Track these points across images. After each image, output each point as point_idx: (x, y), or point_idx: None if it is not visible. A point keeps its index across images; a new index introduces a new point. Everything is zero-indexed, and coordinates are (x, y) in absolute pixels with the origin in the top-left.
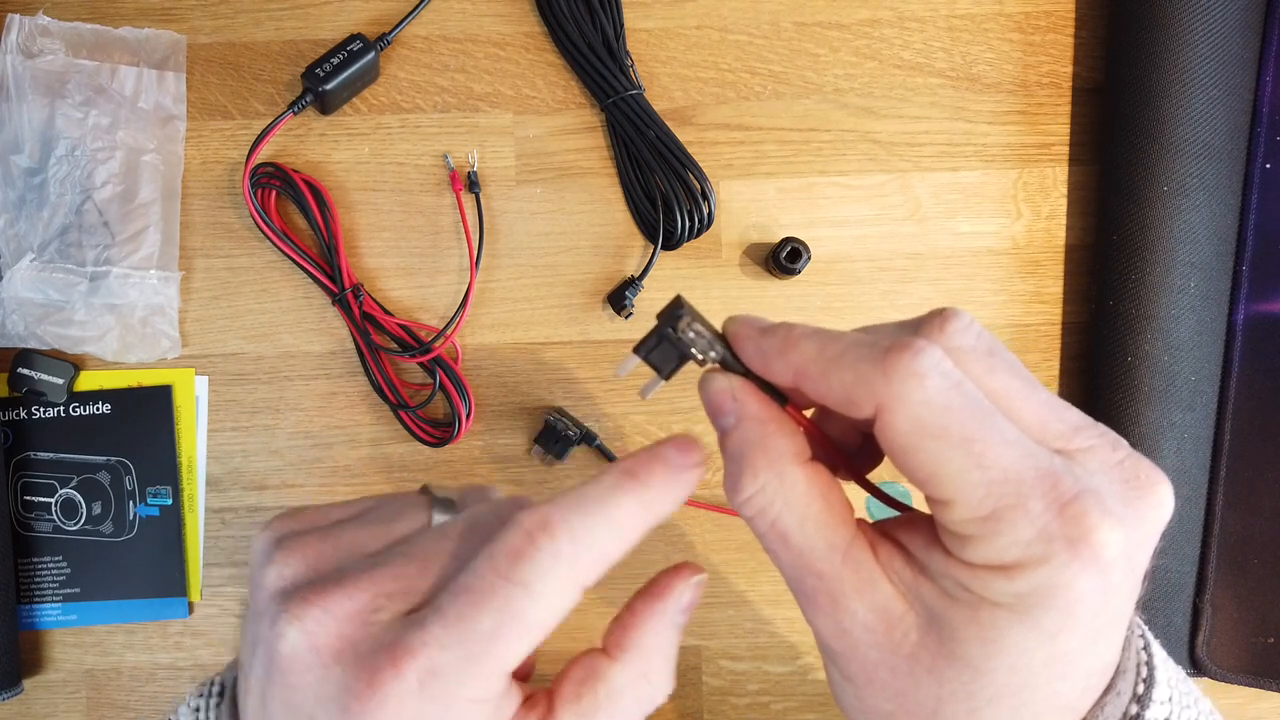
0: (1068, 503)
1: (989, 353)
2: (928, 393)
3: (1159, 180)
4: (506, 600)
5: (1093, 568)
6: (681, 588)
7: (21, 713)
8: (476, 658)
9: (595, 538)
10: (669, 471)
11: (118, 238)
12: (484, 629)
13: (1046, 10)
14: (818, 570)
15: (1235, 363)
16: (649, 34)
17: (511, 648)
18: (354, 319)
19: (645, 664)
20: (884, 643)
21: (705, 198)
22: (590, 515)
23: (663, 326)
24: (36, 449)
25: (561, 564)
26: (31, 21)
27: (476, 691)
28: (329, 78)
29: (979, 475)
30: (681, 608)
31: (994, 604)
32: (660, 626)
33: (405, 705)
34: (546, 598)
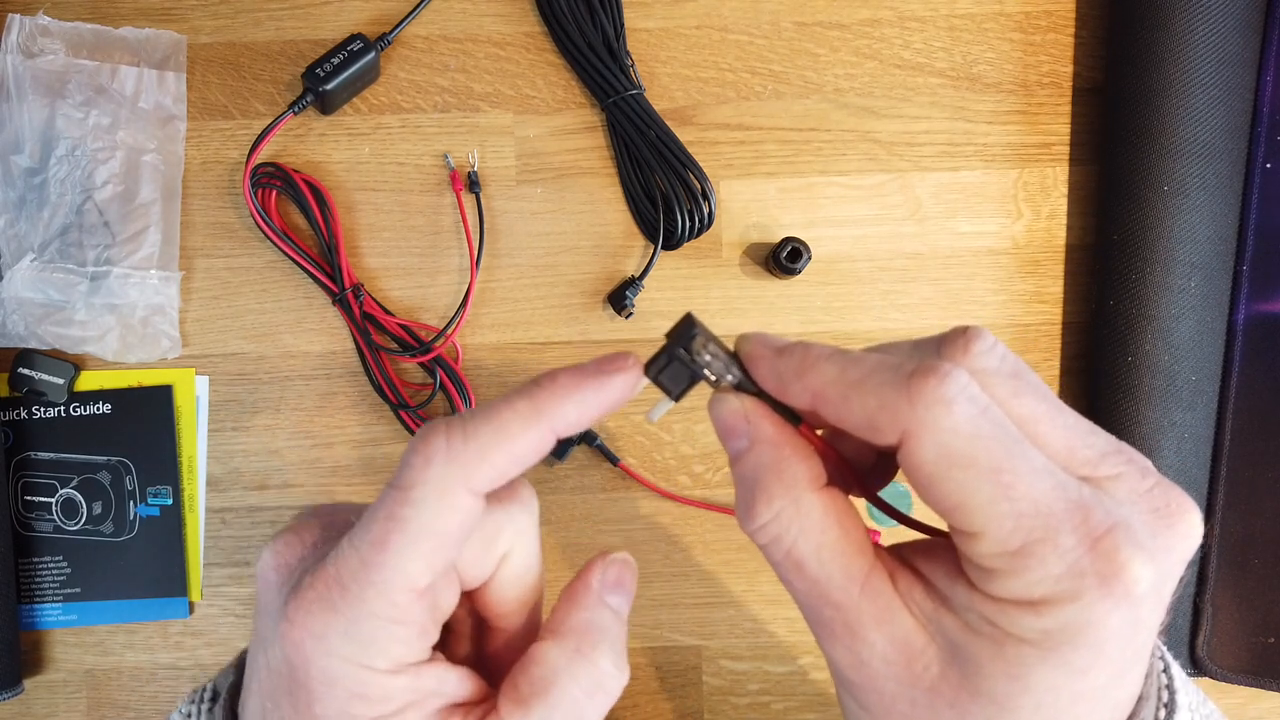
0: (1100, 537)
1: (1014, 375)
2: (955, 420)
3: (1159, 180)
4: (390, 506)
5: (1125, 604)
6: (602, 565)
7: (22, 713)
8: (372, 566)
9: (478, 440)
10: (572, 378)
11: (118, 238)
12: (372, 536)
13: (1047, 10)
14: (835, 600)
15: (1236, 363)
16: (649, 34)
17: (403, 555)
18: (354, 319)
19: (578, 640)
20: (904, 675)
21: (705, 197)
22: (476, 420)
23: (674, 347)
24: (37, 449)
25: (433, 467)
26: (32, 21)
27: (379, 606)
28: (329, 78)
29: (1008, 507)
30: (608, 584)
31: (1020, 639)
32: (588, 602)
33: (315, 618)
34: (426, 502)
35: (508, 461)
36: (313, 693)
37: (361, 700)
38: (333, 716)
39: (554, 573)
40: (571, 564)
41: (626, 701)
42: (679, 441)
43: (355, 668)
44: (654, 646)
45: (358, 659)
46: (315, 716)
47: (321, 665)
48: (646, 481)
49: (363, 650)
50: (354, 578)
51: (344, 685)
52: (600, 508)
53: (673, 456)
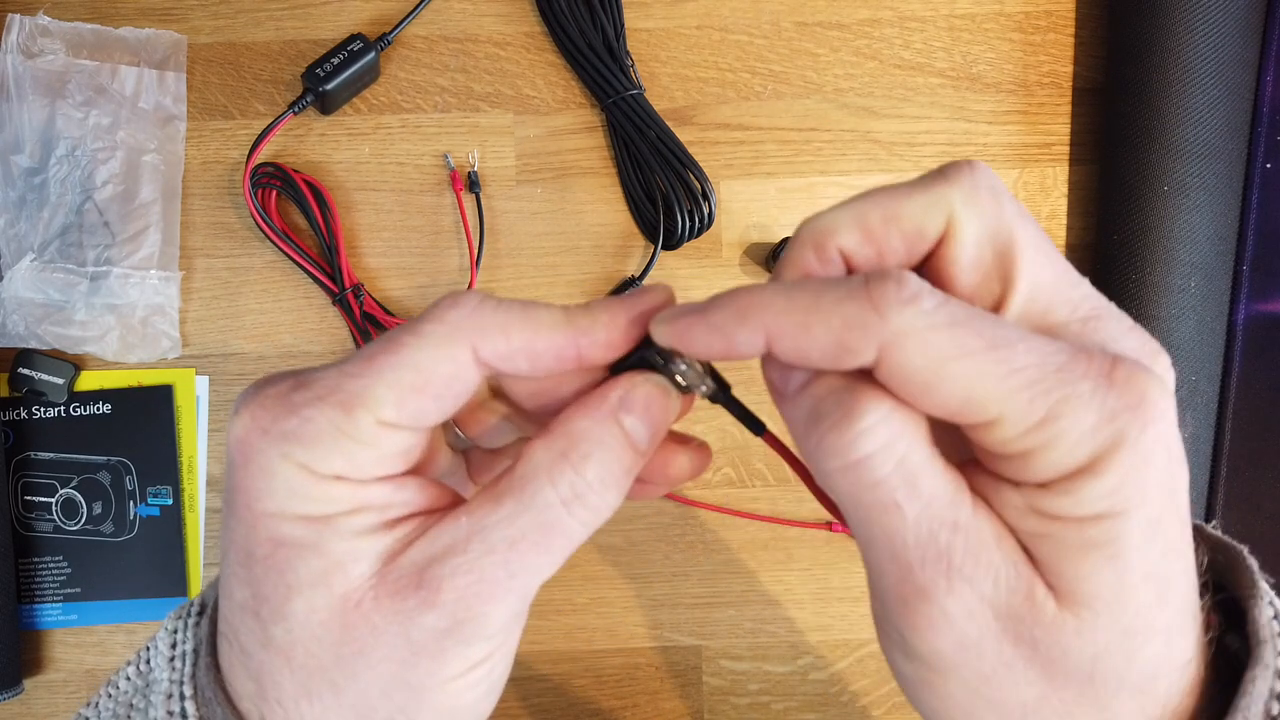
0: (1111, 371)
1: None
2: (932, 315)
3: (1159, 180)
4: (397, 332)
5: (1162, 427)
6: (629, 383)
7: (22, 713)
8: (347, 376)
9: (508, 313)
10: (601, 301)
11: (118, 238)
12: (365, 353)
13: (1047, 10)
14: (954, 521)
15: (1236, 362)
16: (649, 34)
17: (381, 378)
18: (354, 319)
19: (568, 444)
20: (1025, 607)
21: (705, 198)
22: (512, 302)
23: (646, 350)
24: (37, 449)
25: (453, 313)
26: (32, 21)
27: (335, 415)
28: (329, 78)
29: (1017, 379)
30: (629, 404)
31: (1096, 518)
32: (596, 412)
33: (267, 410)
34: (430, 339)
35: (524, 346)
36: (253, 489)
37: (300, 498)
38: (274, 512)
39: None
40: (570, 564)
41: (626, 701)
42: None
43: (295, 466)
44: (654, 646)
45: (298, 457)
46: (256, 515)
47: (262, 460)
48: None
49: (304, 450)
50: (323, 384)
51: (282, 480)
52: None
53: None
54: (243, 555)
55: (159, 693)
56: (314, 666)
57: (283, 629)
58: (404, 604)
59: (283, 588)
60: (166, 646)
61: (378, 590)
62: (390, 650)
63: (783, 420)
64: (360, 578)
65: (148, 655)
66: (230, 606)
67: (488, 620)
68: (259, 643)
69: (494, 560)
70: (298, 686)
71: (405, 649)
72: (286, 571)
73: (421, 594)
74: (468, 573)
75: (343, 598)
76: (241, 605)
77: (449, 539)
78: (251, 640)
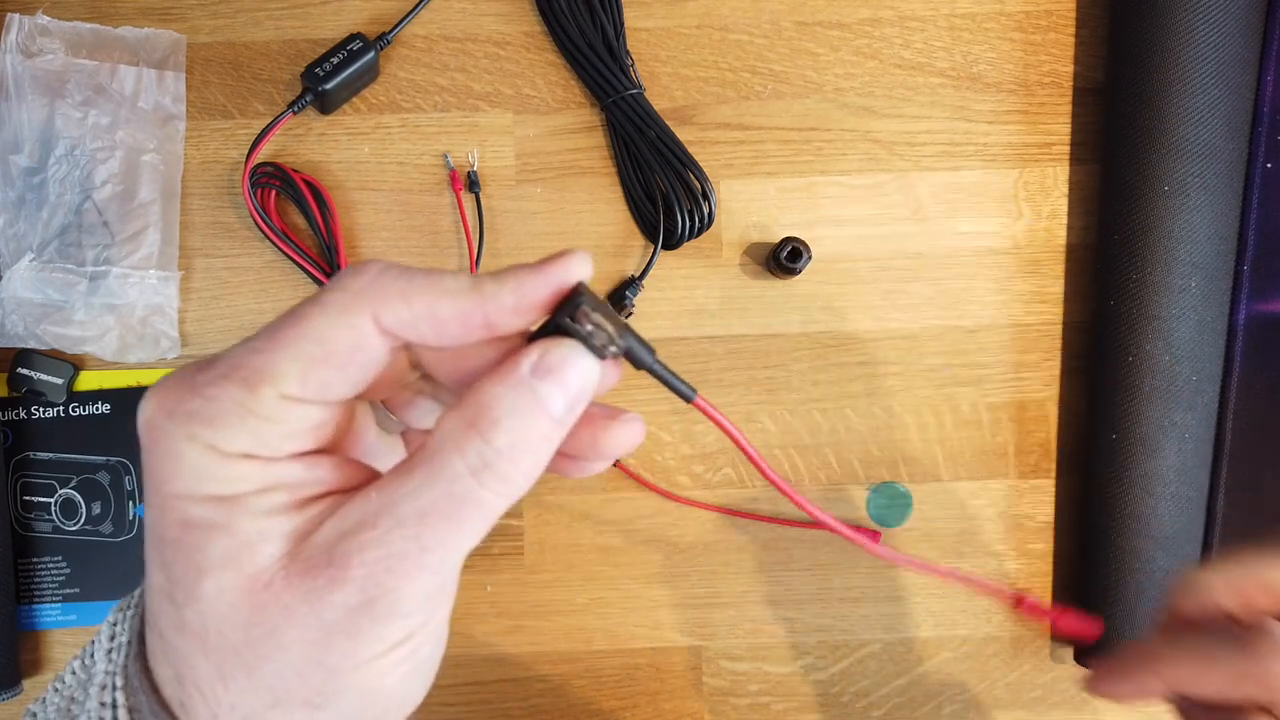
0: None
1: None
2: None
3: (1160, 180)
4: (300, 306)
5: None
6: (543, 347)
7: (21, 713)
8: (252, 351)
9: (409, 280)
10: (511, 268)
11: (117, 237)
12: (269, 329)
13: (1047, 9)
14: None
15: (1236, 362)
16: (649, 33)
17: (284, 353)
18: None
19: (475, 412)
20: None
21: (705, 197)
22: (417, 269)
23: (559, 317)
24: (36, 449)
25: (354, 282)
26: (31, 21)
27: (238, 393)
28: (329, 77)
29: None
30: (542, 369)
31: None
32: (508, 378)
33: (171, 392)
34: (330, 309)
35: (427, 312)
36: (161, 472)
37: (207, 478)
38: (182, 494)
39: (552, 573)
40: (570, 564)
41: (626, 701)
42: (679, 441)
43: (201, 446)
44: (654, 647)
45: (204, 437)
46: (165, 498)
47: (168, 443)
48: (646, 481)
49: (209, 429)
50: (227, 362)
51: (189, 461)
52: (600, 508)
53: (673, 457)
54: (156, 539)
55: (95, 685)
56: (227, 649)
57: (195, 611)
58: (314, 582)
59: (193, 570)
60: (106, 639)
61: (288, 570)
62: (302, 630)
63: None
64: (270, 558)
65: (92, 649)
66: (150, 593)
67: (401, 596)
68: (174, 627)
69: (404, 534)
70: (212, 670)
71: (317, 629)
72: (196, 553)
73: (331, 571)
74: (377, 547)
75: (252, 578)
76: (158, 590)
77: (359, 515)
78: (168, 625)
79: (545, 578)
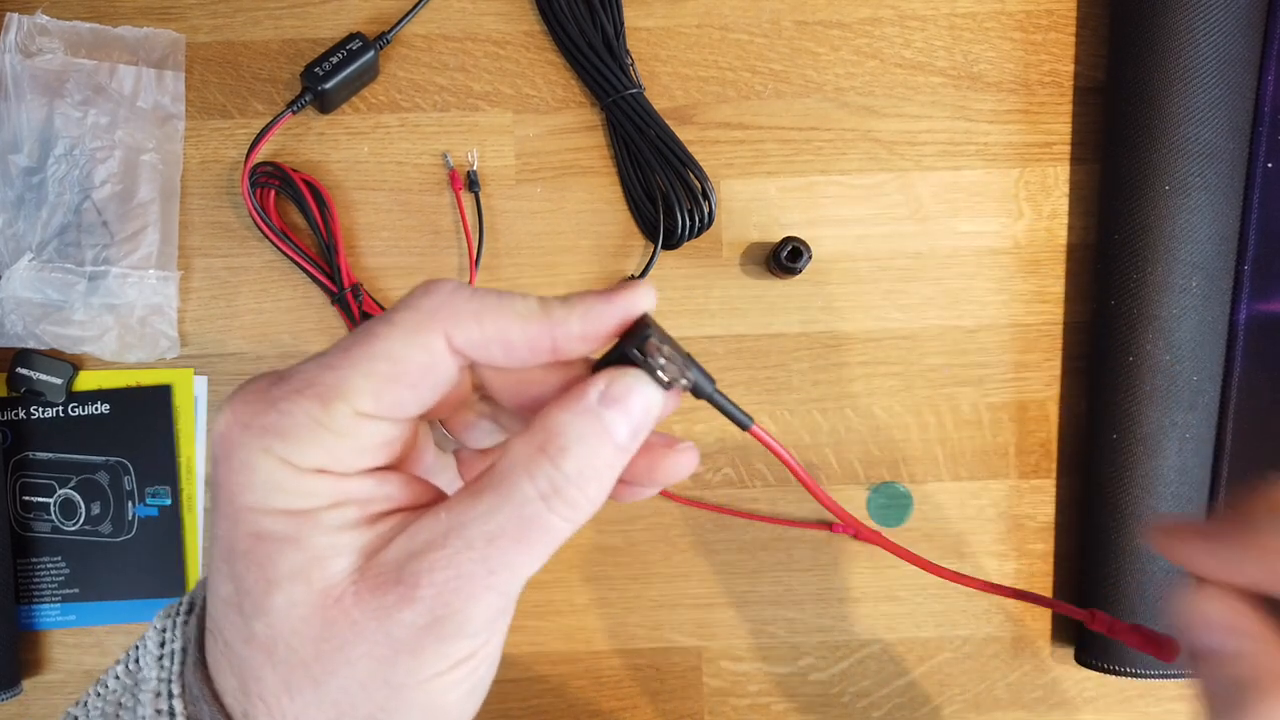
0: None
1: None
2: None
3: (1160, 179)
4: (371, 324)
5: None
6: (608, 378)
7: (21, 713)
8: (325, 367)
9: (481, 301)
10: (579, 294)
11: (116, 237)
12: (341, 346)
13: (1048, 9)
14: None
15: (1237, 362)
16: (649, 32)
17: (357, 369)
18: (353, 318)
19: (546, 438)
20: None
21: (706, 197)
22: (487, 289)
23: (626, 346)
24: (35, 449)
25: (426, 300)
26: (30, 20)
27: (313, 408)
28: (328, 77)
29: None
30: (609, 398)
31: None
32: (575, 405)
33: (248, 406)
34: (403, 327)
35: (498, 334)
36: (235, 484)
37: (280, 492)
38: (255, 507)
39: (552, 573)
40: (570, 564)
41: (626, 702)
42: None
43: (275, 459)
44: (654, 647)
45: (278, 451)
46: (238, 509)
47: (243, 455)
48: None
49: (284, 443)
50: (301, 377)
51: (263, 474)
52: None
53: None
54: (226, 550)
55: (147, 691)
56: (295, 662)
57: (264, 624)
58: (383, 600)
59: (263, 582)
60: (155, 645)
61: (358, 586)
62: (370, 646)
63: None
64: (340, 573)
65: (136, 654)
66: (215, 602)
67: (467, 617)
68: (242, 638)
69: (472, 556)
70: (279, 682)
71: (385, 645)
72: (267, 566)
73: (400, 590)
74: (445, 568)
75: (323, 593)
76: (225, 600)
77: (428, 535)
78: (235, 636)
79: (545, 578)
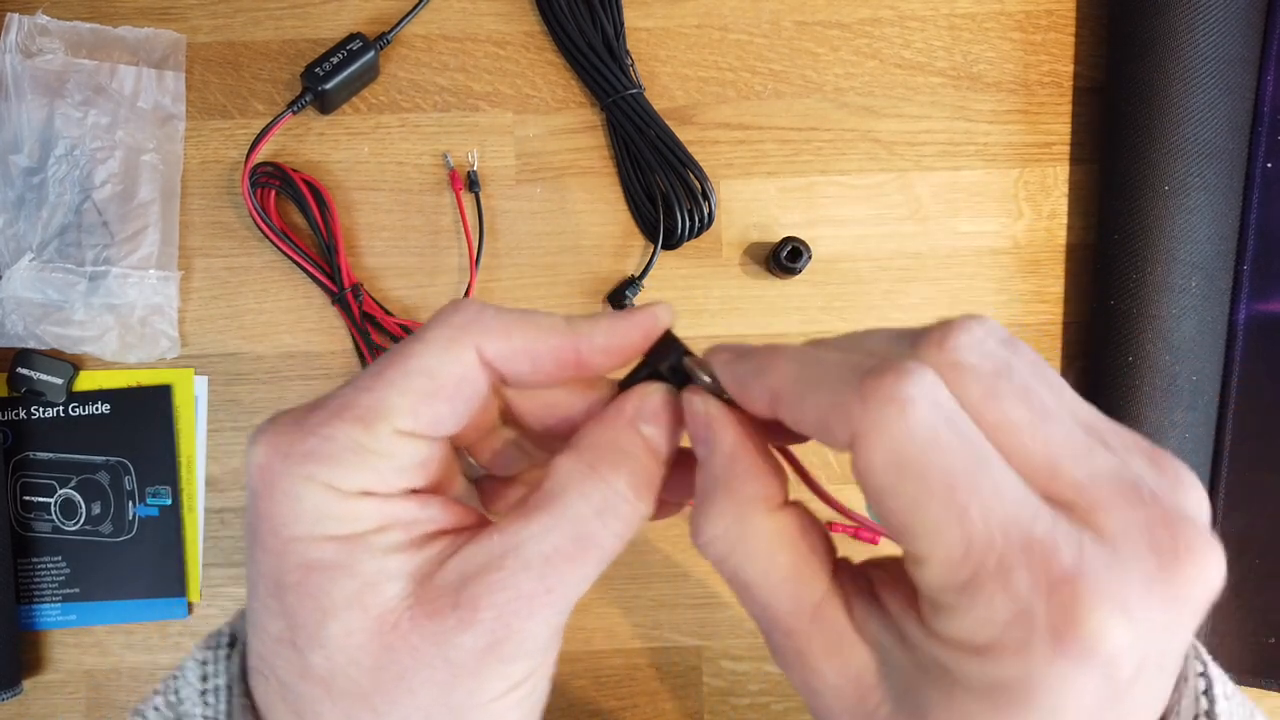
0: (1059, 580)
1: (996, 374)
2: (909, 423)
3: (1160, 180)
4: (402, 344)
5: (1085, 665)
6: (643, 393)
7: (21, 713)
8: (361, 390)
9: (508, 317)
10: (602, 314)
11: (117, 237)
12: (374, 368)
13: (1047, 9)
14: (784, 627)
15: (1236, 362)
16: (649, 33)
17: (394, 387)
18: (354, 319)
19: (595, 456)
20: (855, 710)
21: (705, 197)
22: (511, 308)
23: (656, 363)
24: (36, 449)
25: (455, 317)
26: (31, 21)
27: (354, 430)
28: (328, 77)
29: (958, 532)
30: (645, 413)
31: (967, 689)
32: (616, 423)
33: (285, 435)
34: (436, 343)
35: (525, 346)
36: (279, 516)
37: (327, 518)
38: (302, 536)
39: None
40: None
41: (626, 702)
42: None
43: (320, 486)
44: (654, 647)
45: (322, 477)
46: (285, 542)
47: (285, 485)
48: None
49: (327, 469)
50: (337, 402)
51: (309, 502)
52: None
53: None
54: (272, 586)
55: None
56: (355, 694)
57: (321, 656)
58: (442, 624)
59: (318, 613)
60: (196, 679)
61: (414, 610)
62: (431, 672)
63: None
64: (395, 597)
65: (175, 686)
66: (263, 641)
67: (527, 637)
68: (297, 674)
69: (530, 575)
70: (339, 715)
71: (445, 670)
72: (320, 596)
73: (459, 613)
74: (505, 589)
75: (379, 619)
76: (276, 638)
77: (484, 557)
78: (290, 673)
79: None
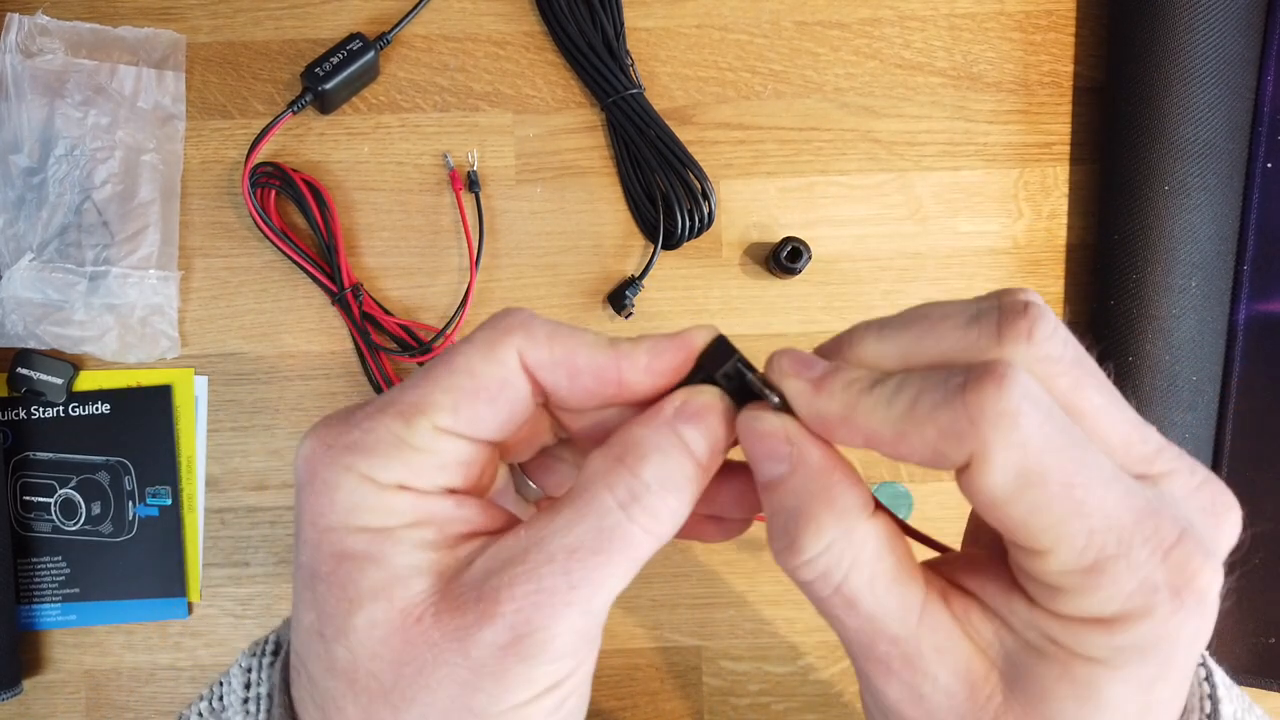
0: (1171, 547)
1: (1076, 363)
2: (1024, 434)
3: (1160, 180)
4: (450, 350)
5: (1196, 614)
6: (685, 395)
7: (21, 713)
8: (407, 389)
9: (553, 327)
10: (645, 336)
11: (117, 237)
12: (423, 370)
13: (1047, 9)
14: (891, 634)
15: (1236, 362)
16: (649, 33)
17: (438, 385)
18: (354, 319)
19: (624, 449)
20: (967, 707)
21: (705, 197)
22: (558, 322)
23: (709, 369)
24: (36, 449)
25: (501, 321)
26: (31, 21)
27: (396, 425)
28: (328, 77)
29: (1080, 524)
30: (685, 414)
31: (1089, 659)
32: (652, 421)
33: (331, 429)
34: (479, 346)
35: (565, 358)
36: (317, 506)
37: (362, 509)
38: (337, 526)
39: None
40: None
41: (626, 701)
42: None
43: (357, 476)
44: (654, 646)
45: (360, 468)
46: (321, 532)
47: (325, 475)
48: None
49: (365, 460)
50: (384, 398)
51: (345, 492)
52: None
53: None
54: (308, 576)
55: None
56: (375, 690)
57: (344, 647)
58: (463, 619)
59: (345, 603)
60: (240, 686)
61: (438, 606)
62: (450, 670)
63: None
64: (421, 592)
65: (220, 692)
66: (299, 633)
67: (551, 635)
68: (324, 668)
69: (553, 569)
70: (360, 713)
71: (465, 668)
72: (348, 585)
73: (481, 607)
74: (525, 582)
75: (403, 612)
76: (309, 629)
77: (508, 553)
78: (317, 666)
79: None
